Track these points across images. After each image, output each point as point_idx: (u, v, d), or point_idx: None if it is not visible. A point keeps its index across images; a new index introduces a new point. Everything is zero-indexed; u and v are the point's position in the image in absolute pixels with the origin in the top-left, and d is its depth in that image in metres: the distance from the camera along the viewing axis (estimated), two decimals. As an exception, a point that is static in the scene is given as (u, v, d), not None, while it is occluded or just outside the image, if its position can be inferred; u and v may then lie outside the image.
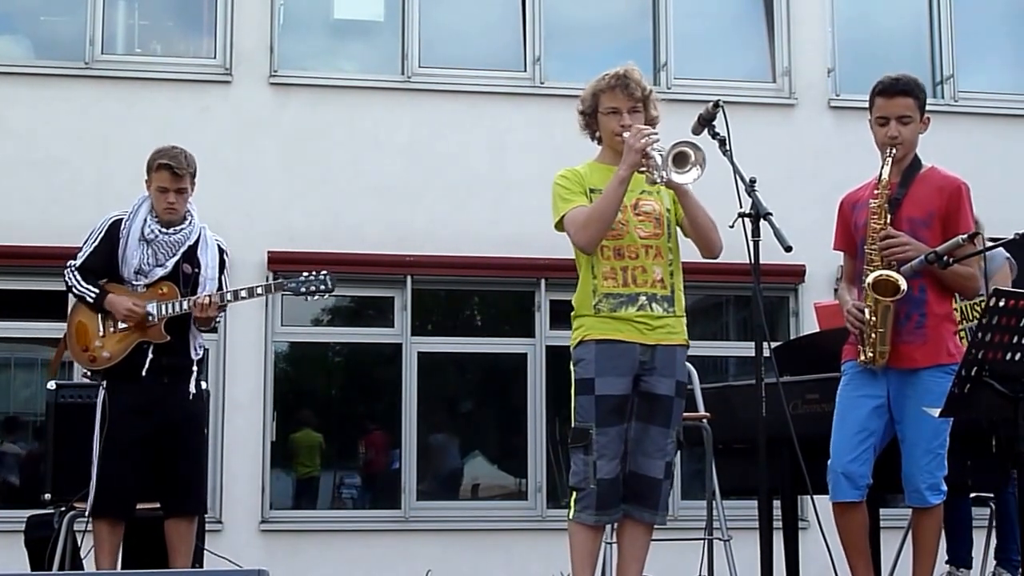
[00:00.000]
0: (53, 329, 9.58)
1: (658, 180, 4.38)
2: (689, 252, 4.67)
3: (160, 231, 5.47)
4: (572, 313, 4.60)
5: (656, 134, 4.42)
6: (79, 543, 5.82)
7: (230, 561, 6.03)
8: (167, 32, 10.44)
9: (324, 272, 5.55)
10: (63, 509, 5.70)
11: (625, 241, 4.52)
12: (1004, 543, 6.07)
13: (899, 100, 4.76)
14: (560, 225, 4.58)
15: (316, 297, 5.55)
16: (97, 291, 5.44)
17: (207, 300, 5.35)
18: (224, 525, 9.16)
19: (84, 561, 5.84)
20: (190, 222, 5.54)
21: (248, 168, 9.69)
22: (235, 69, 9.83)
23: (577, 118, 4.72)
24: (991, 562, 6.21)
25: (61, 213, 9.33)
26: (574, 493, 4.49)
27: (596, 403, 4.44)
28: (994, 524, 6.15)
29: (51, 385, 6.00)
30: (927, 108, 4.86)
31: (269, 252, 9.38)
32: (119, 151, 9.58)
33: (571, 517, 4.50)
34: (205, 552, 5.88)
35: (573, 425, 4.50)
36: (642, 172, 4.43)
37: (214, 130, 9.57)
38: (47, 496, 5.83)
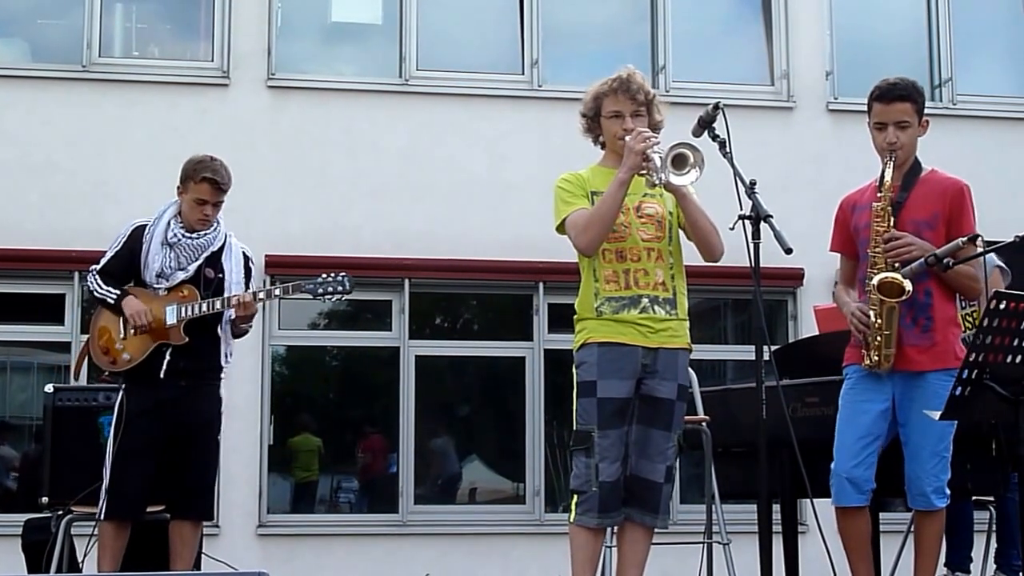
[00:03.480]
0: (50, 332, 9.62)
1: (657, 182, 4.38)
2: (689, 255, 4.66)
3: (184, 235, 5.52)
4: (575, 316, 4.60)
5: (656, 137, 4.43)
6: (76, 547, 5.81)
7: (228, 565, 6.01)
8: (164, 35, 10.43)
9: (343, 274, 5.60)
10: (60, 512, 5.69)
11: (627, 243, 4.51)
12: (1004, 547, 6.05)
13: (897, 105, 4.75)
14: (561, 228, 4.58)
15: (335, 299, 5.62)
16: (117, 293, 5.49)
17: (245, 299, 5.40)
18: (221, 529, 9.13)
19: (82, 564, 5.83)
20: (215, 228, 5.59)
21: (245, 171, 9.55)
22: (233, 72, 9.82)
23: (579, 121, 4.73)
24: (991, 566, 6.20)
25: (58, 216, 9.33)
26: (575, 496, 4.48)
27: (598, 406, 4.43)
28: (994, 528, 6.15)
29: (49, 388, 6.01)
30: (925, 110, 4.85)
31: (266, 256, 9.35)
32: (116, 154, 9.58)
33: (572, 520, 4.49)
34: (203, 556, 5.87)
35: (575, 428, 4.49)
36: (642, 175, 4.43)
37: (211, 133, 9.54)
38: (44, 500, 5.82)
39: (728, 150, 4.50)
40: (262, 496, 9.43)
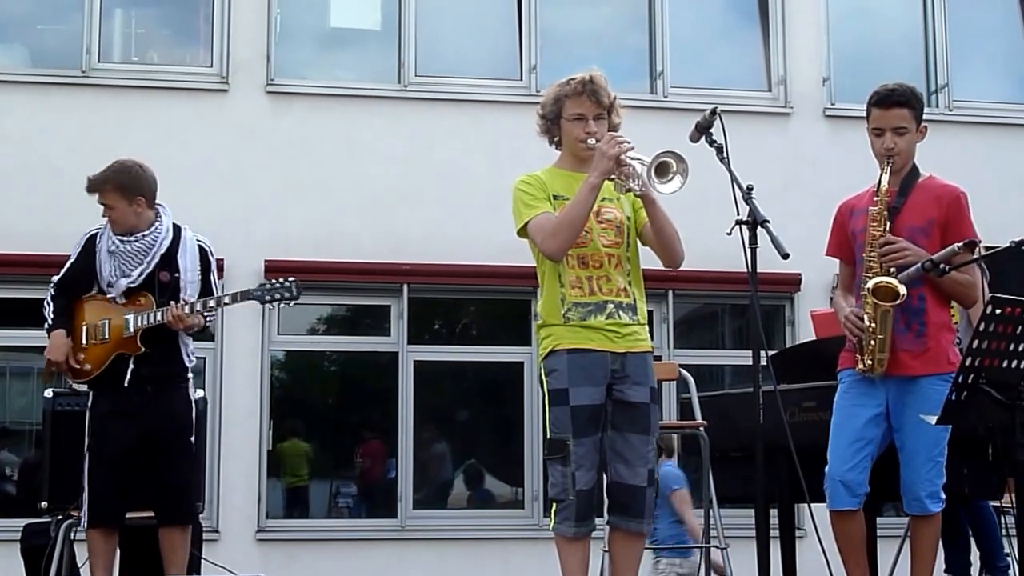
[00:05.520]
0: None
1: (636, 189, 4.33)
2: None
3: (120, 241, 5.41)
4: (538, 323, 4.54)
5: (630, 142, 4.37)
6: (75, 551, 5.82)
7: (227, 570, 6.03)
8: (164, 41, 10.44)
9: (291, 279, 5.52)
10: (60, 517, 5.70)
11: (589, 249, 4.47)
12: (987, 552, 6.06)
13: (895, 111, 4.76)
14: (523, 231, 4.53)
15: (282, 305, 5.51)
16: (52, 322, 5.44)
17: (175, 312, 5.28)
18: (220, 534, 9.14)
19: (81, 569, 5.84)
20: (156, 228, 5.44)
21: (245, 177, 9.69)
22: (232, 78, 9.84)
23: (536, 121, 4.69)
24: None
25: (57, 221, 9.30)
26: (554, 505, 4.45)
27: (572, 414, 4.38)
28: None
29: (48, 393, 6.00)
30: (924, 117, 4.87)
31: (266, 261, 9.38)
32: (116, 159, 9.57)
33: (552, 529, 4.47)
34: (202, 561, 5.88)
35: (549, 437, 4.45)
36: (612, 179, 4.39)
37: (211, 139, 9.58)
38: (44, 504, 5.82)
39: (725, 155, 4.51)
40: (261, 501, 9.44)
